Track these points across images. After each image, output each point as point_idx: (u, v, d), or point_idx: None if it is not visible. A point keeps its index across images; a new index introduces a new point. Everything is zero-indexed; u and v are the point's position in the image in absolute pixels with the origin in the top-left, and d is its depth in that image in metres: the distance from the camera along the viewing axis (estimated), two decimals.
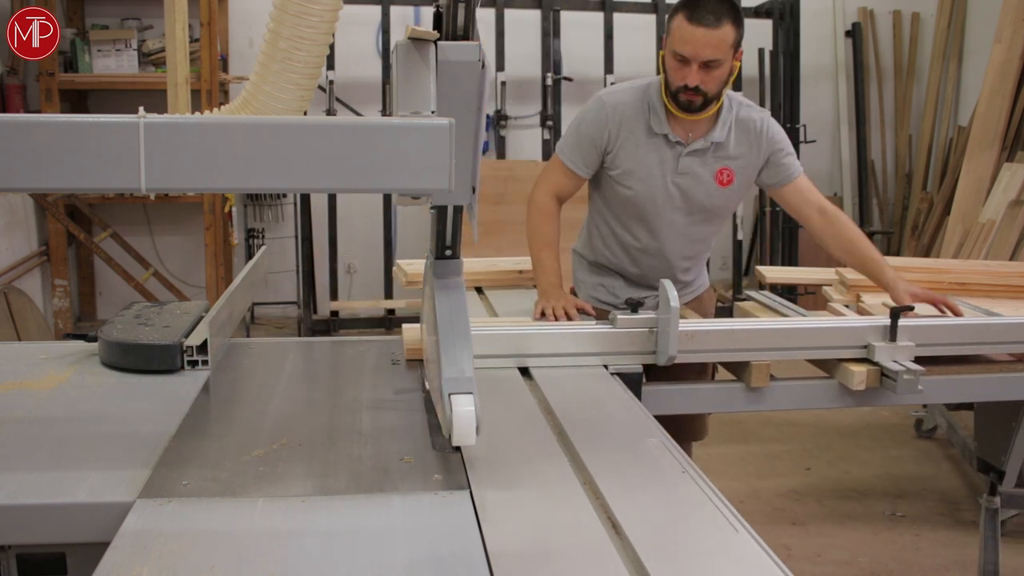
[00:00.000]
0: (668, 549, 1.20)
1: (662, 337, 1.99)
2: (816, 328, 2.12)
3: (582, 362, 2.01)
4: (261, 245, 6.10)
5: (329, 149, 1.18)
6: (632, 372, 1.99)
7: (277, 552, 1.18)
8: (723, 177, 2.41)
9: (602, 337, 2.02)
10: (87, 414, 1.70)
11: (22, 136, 1.13)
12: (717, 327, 2.08)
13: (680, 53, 2.22)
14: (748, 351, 2.07)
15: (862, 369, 2.05)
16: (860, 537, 3.43)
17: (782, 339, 2.08)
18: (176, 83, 2.20)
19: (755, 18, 6.43)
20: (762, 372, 2.06)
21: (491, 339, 1.99)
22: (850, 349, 2.10)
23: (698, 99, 2.27)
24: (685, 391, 2.14)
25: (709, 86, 2.25)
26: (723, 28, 2.19)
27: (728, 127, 2.39)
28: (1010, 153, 5.09)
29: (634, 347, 2.02)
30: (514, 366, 1.99)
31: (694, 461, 2.71)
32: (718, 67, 2.23)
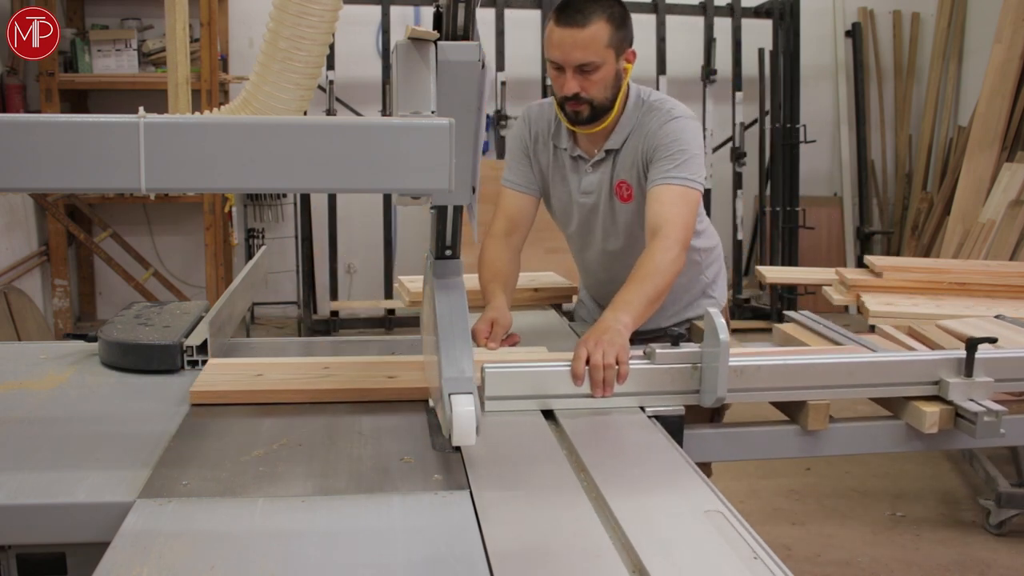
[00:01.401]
0: (668, 549, 1.20)
1: (708, 374, 1.73)
2: (882, 362, 1.85)
3: (615, 404, 1.74)
4: (261, 245, 6.10)
5: (329, 149, 1.18)
6: (673, 415, 1.74)
7: (277, 552, 1.18)
8: (623, 191, 2.17)
9: (638, 375, 1.75)
10: (87, 414, 1.70)
11: (22, 136, 1.13)
12: (770, 362, 1.80)
13: (553, 60, 2.05)
14: (805, 389, 1.80)
15: (934, 409, 1.79)
16: (860, 537, 3.43)
17: (844, 375, 1.81)
18: (176, 83, 2.20)
19: (755, 18, 6.44)
20: (821, 413, 1.80)
21: (510, 377, 1.72)
22: (920, 386, 1.83)
23: (583, 108, 2.07)
24: (732, 436, 1.87)
25: (592, 92, 2.05)
26: (592, 26, 1.99)
27: (627, 133, 2.15)
28: (1010, 153, 5.09)
29: (675, 386, 1.76)
30: (537, 408, 1.72)
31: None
32: (595, 70, 2.02)
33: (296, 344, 2.31)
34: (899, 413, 1.88)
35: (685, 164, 2.06)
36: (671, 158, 2.06)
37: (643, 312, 1.92)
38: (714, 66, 6.21)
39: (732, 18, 6.30)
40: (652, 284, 1.95)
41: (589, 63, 2.02)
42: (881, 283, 2.74)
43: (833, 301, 2.78)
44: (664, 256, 1.98)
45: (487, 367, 1.69)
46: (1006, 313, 2.36)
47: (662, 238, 2.00)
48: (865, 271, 2.84)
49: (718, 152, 6.40)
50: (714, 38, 6.22)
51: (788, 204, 6.45)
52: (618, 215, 2.20)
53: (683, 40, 6.30)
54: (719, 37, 6.23)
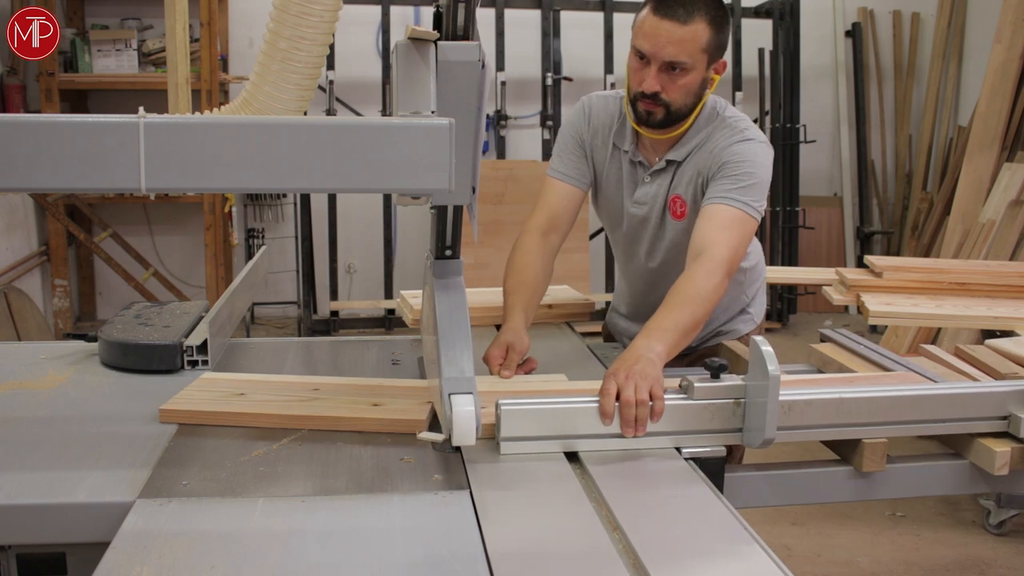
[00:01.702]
0: (670, 551, 1.20)
1: (754, 411, 1.53)
2: (947, 395, 1.67)
3: (647, 444, 1.55)
4: (261, 245, 6.10)
5: (329, 149, 1.18)
6: (713, 456, 1.55)
7: (277, 552, 1.18)
8: (676, 208, 2.02)
9: (673, 411, 1.55)
10: (87, 414, 1.70)
11: (22, 136, 1.13)
12: (822, 395, 1.61)
13: (640, 49, 1.87)
14: (861, 426, 1.62)
15: (1005, 448, 1.61)
16: (860, 537, 3.43)
17: (904, 410, 1.63)
18: (176, 83, 2.20)
19: (755, 18, 6.44)
20: (877, 453, 1.62)
21: (528, 415, 1.52)
22: (987, 421, 1.66)
23: (658, 110, 1.91)
24: (777, 479, 1.68)
25: (672, 95, 1.89)
26: (693, 25, 1.83)
27: (693, 147, 1.99)
28: (1010, 153, 5.09)
29: (714, 424, 1.56)
30: (559, 450, 1.53)
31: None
32: (684, 73, 1.87)
33: (296, 344, 2.31)
34: (963, 451, 1.70)
35: (749, 188, 1.89)
36: (736, 179, 1.90)
37: (678, 342, 1.74)
38: None
39: (732, 18, 6.29)
40: (690, 311, 1.77)
41: (679, 63, 1.86)
42: (881, 283, 2.73)
43: (833, 301, 2.77)
44: (707, 282, 1.80)
45: (502, 404, 1.50)
46: (1006, 313, 2.36)
47: (706, 261, 1.83)
48: (865, 271, 2.84)
49: None
50: None
51: (788, 204, 6.44)
52: (667, 232, 2.06)
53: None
54: None
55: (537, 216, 2.11)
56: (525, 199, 5.37)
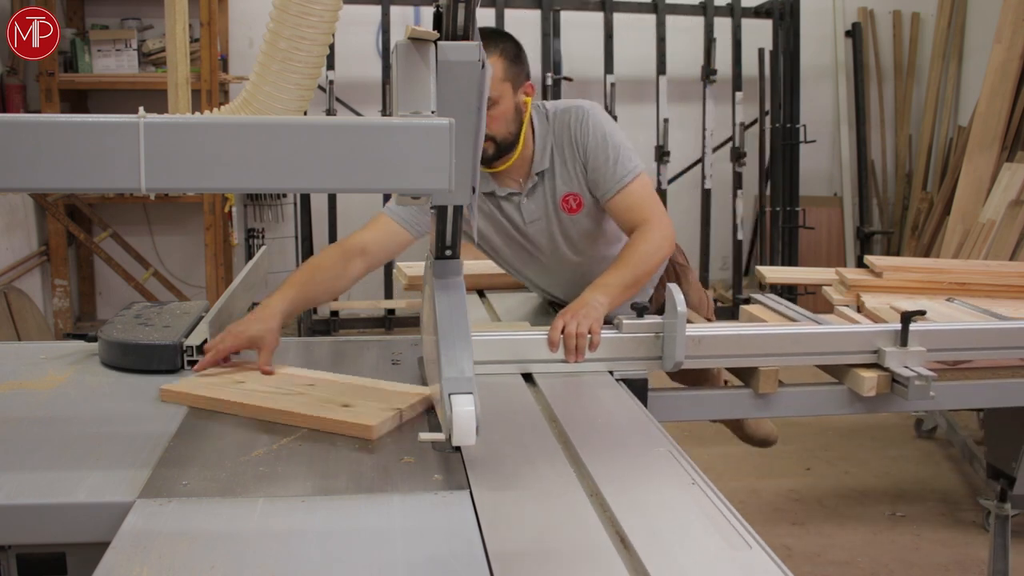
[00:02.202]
0: (668, 549, 1.20)
1: (668, 342, 1.95)
2: (825, 333, 2.08)
3: (587, 368, 1.97)
4: (261, 245, 6.10)
5: (329, 149, 1.18)
6: (638, 378, 1.96)
7: (277, 552, 1.18)
8: (570, 204, 2.23)
9: (607, 343, 1.98)
10: (87, 414, 1.70)
11: (22, 136, 1.13)
12: (724, 332, 2.03)
13: None
14: (756, 356, 2.03)
15: (872, 375, 2.00)
16: (860, 537, 3.43)
17: (791, 344, 2.04)
18: (176, 83, 2.20)
19: (755, 18, 6.44)
20: (770, 378, 2.03)
21: (493, 345, 1.95)
22: (860, 355, 2.05)
23: (488, 145, 2.08)
24: (691, 397, 2.11)
25: (493, 128, 2.08)
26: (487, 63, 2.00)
27: (549, 150, 2.19)
28: (1010, 153, 5.09)
29: (640, 353, 1.98)
30: (517, 372, 1.95)
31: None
32: (495, 105, 2.05)
33: (296, 344, 2.31)
34: (842, 379, 2.08)
35: (620, 160, 2.15)
36: (607, 161, 2.15)
37: (620, 295, 2.06)
38: (714, 66, 6.21)
39: (732, 18, 6.30)
40: (631, 271, 2.09)
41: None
42: (881, 283, 2.74)
43: (833, 301, 2.77)
44: (649, 244, 2.13)
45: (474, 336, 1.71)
46: (1005, 313, 2.37)
47: (644, 229, 2.15)
48: (865, 271, 2.84)
49: (718, 152, 6.40)
50: (714, 38, 6.22)
51: (788, 204, 6.45)
52: (570, 229, 2.27)
53: (683, 40, 6.30)
54: (719, 37, 6.23)
55: (353, 238, 2.17)
56: None
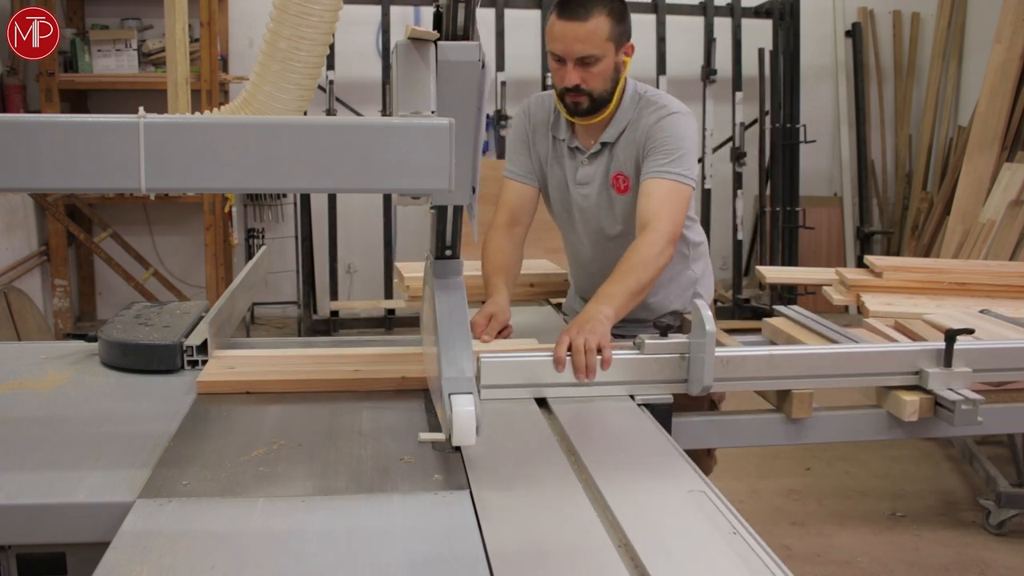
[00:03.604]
0: (668, 549, 1.20)
1: (695, 364, 1.80)
2: (863, 353, 1.92)
3: (606, 392, 1.81)
4: (261, 245, 6.10)
5: (329, 149, 1.18)
6: (661, 403, 1.81)
7: (277, 552, 1.18)
8: (619, 184, 2.22)
9: (628, 364, 1.82)
10: (87, 414, 1.70)
11: (22, 136, 1.13)
12: (755, 352, 1.87)
13: (554, 52, 2.10)
14: (789, 379, 1.87)
15: (914, 398, 1.86)
16: (860, 537, 3.43)
17: (826, 365, 1.88)
18: (176, 83, 2.20)
19: (755, 18, 6.44)
20: (804, 402, 1.88)
21: (504, 367, 1.79)
22: (900, 376, 1.90)
23: (583, 99, 2.13)
24: (719, 423, 1.95)
25: (591, 84, 2.11)
26: (594, 20, 2.05)
27: (623, 127, 2.20)
28: (1010, 153, 5.09)
29: (663, 375, 1.83)
30: (530, 396, 1.79)
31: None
32: (596, 63, 2.08)
33: (296, 344, 2.31)
34: (881, 402, 1.95)
35: (679, 160, 2.11)
36: (666, 153, 2.12)
37: (625, 305, 1.98)
38: (714, 66, 6.21)
39: (732, 18, 6.29)
40: (635, 278, 2.00)
41: (590, 56, 2.07)
42: (881, 283, 2.74)
43: (833, 301, 2.77)
44: (650, 250, 2.03)
45: (483, 357, 1.76)
46: (1006, 313, 2.36)
47: (650, 232, 2.05)
48: (865, 271, 2.84)
49: (718, 152, 6.40)
50: (714, 38, 6.22)
51: (788, 204, 6.44)
52: (615, 206, 2.24)
53: (683, 40, 6.30)
54: (719, 37, 6.23)
55: (500, 215, 2.36)
56: None
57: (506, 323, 2.11)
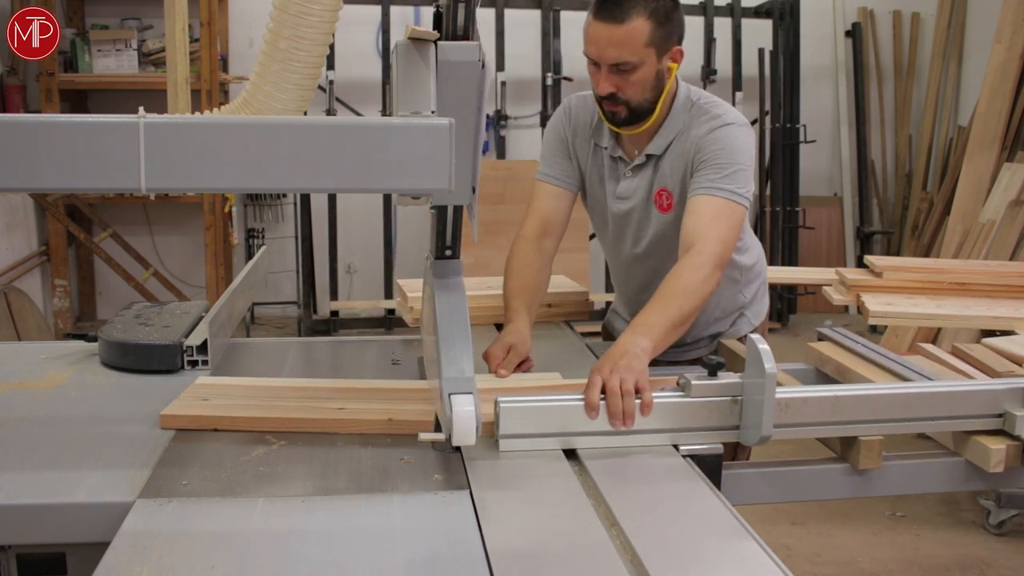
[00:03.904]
0: (668, 549, 1.20)
1: (750, 409, 1.53)
2: (942, 393, 1.68)
3: (645, 441, 1.56)
4: (261, 245, 6.10)
5: (329, 149, 1.18)
6: (710, 454, 1.56)
7: (277, 552, 1.18)
8: (662, 201, 2.01)
9: (671, 408, 1.56)
10: (87, 414, 1.70)
11: (22, 136, 1.13)
12: (818, 394, 1.62)
13: (589, 56, 1.91)
14: (856, 424, 1.63)
15: (1000, 446, 1.62)
16: (860, 537, 3.43)
17: (899, 408, 1.63)
18: (176, 83, 2.20)
19: (755, 18, 6.44)
20: (873, 451, 1.63)
21: (527, 413, 1.53)
22: (983, 419, 1.67)
23: (620, 109, 1.92)
24: (774, 476, 1.69)
25: (628, 93, 1.90)
26: (631, 22, 1.83)
27: (672, 138, 1.99)
28: (1010, 153, 5.09)
29: (712, 422, 1.57)
30: (558, 447, 1.54)
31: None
32: (633, 70, 1.87)
33: (296, 344, 2.31)
34: (959, 449, 1.71)
35: (732, 176, 1.89)
36: (718, 167, 1.89)
37: (665, 337, 1.74)
38: (714, 66, 6.21)
39: (732, 18, 6.29)
40: (677, 306, 1.77)
41: (625, 62, 1.86)
42: (881, 283, 2.73)
43: (833, 301, 2.77)
44: (695, 275, 1.80)
45: (501, 401, 1.52)
46: (1006, 313, 2.35)
47: (695, 254, 1.83)
48: (865, 271, 2.84)
49: None
50: (714, 38, 6.22)
51: (788, 204, 6.44)
52: (651, 225, 2.04)
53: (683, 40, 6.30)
54: (719, 37, 6.23)
55: (530, 222, 2.12)
56: (525, 199, 5.28)
57: (526, 355, 1.89)
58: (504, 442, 1.51)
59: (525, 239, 2.10)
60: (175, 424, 1.60)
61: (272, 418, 1.59)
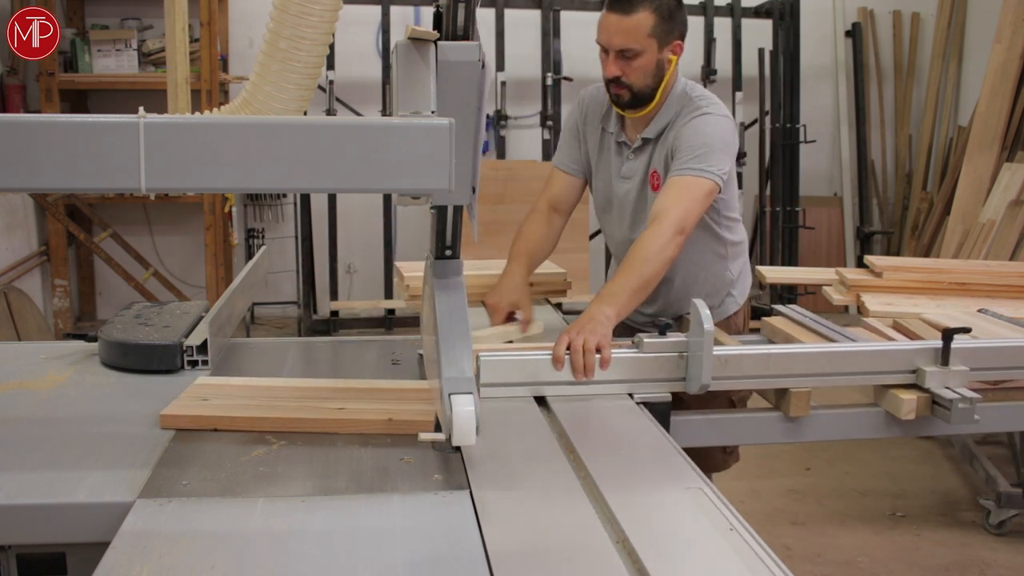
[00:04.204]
0: (668, 549, 1.20)
1: (693, 363, 1.81)
2: (861, 352, 1.93)
3: (605, 390, 1.82)
4: (261, 245, 6.10)
5: (329, 149, 1.18)
6: (659, 401, 1.81)
7: (277, 552, 1.18)
8: (655, 181, 2.24)
9: (627, 363, 1.84)
10: (87, 414, 1.70)
11: (22, 136, 1.13)
12: (753, 352, 1.88)
13: (599, 42, 2.16)
14: (787, 377, 1.88)
15: (911, 397, 1.87)
16: (860, 537, 3.43)
17: (824, 364, 1.90)
18: (176, 83, 2.20)
19: (755, 18, 6.44)
20: (802, 400, 1.89)
21: (503, 366, 1.80)
22: (898, 375, 1.92)
23: (623, 92, 2.16)
24: (717, 422, 1.95)
25: (631, 78, 2.14)
26: (637, 15, 2.08)
27: (664, 125, 2.21)
28: (1010, 153, 5.09)
29: (662, 374, 1.84)
30: (530, 395, 1.80)
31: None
32: (635, 57, 2.12)
33: (296, 344, 2.31)
34: (878, 400, 1.96)
35: (702, 156, 2.09)
36: (690, 150, 2.11)
37: (628, 302, 1.97)
38: (714, 66, 6.21)
39: (732, 18, 6.29)
40: (638, 274, 1.99)
41: (629, 49, 2.11)
42: (881, 283, 2.73)
43: (833, 301, 2.77)
44: (654, 243, 2.00)
45: (482, 355, 1.76)
46: (1006, 313, 2.36)
47: (655, 224, 2.03)
48: (865, 271, 2.84)
49: None
50: (714, 38, 6.22)
51: (788, 204, 6.44)
52: (648, 204, 2.25)
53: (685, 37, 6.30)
54: (719, 37, 6.23)
55: (541, 202, 2.42)
56: (525, 199, 5.37)
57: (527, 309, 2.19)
58: (485, 390, 1.75)
59: (538, 212, 2.39)
60: (175, 424, 1.60)
61: (272, 418, 1.60)
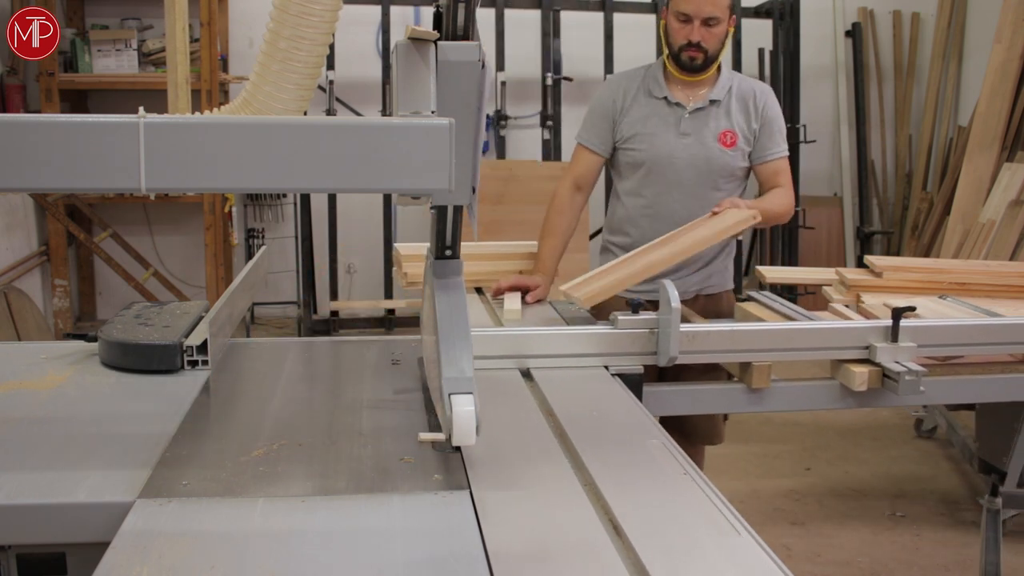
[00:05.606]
0: (668, 549, 1.20)
1: (663, 338, 2.00)
2: (817, 329, 2.12)
3: (583, 363, 2.01)
4: (261, 245, 6.11)
5: (329, 149, 1.18)
6: (633, 373, 1.99)
7: (277, 552, 1.18)
8: (726, 139, 2.59)
9: (602, 338, 2.03)
10: (87, 414, 1.70)
11: (22, 136, 1.13)
12: (718, 328, 2.09)
13: (683, 12, 2.49)
14: (749, 352, 2.08)
15: (863, 370, 2.06)
16: (860, 537, 3.43)
17: (783, 340, 2.08)
18: (176, 83, 2.20)
19: (755, 18, 6.44)
20: (763, 373, 2.08)
21: (491, 340, 1.99)
22: (852, 350, 2.10)
23: (699, 56, 2.52)
24: (685, 392, 2.16)
25: (709, 43, 2.51)
26: None
27: (727, 91, 2.60)
28: (1010, 153, 5.09)
29: (635, 348, 2.03)
30: (515, 367, 1.99)
31: (707, 464, 2.74)
32: (717, 24, 2.49)
33: (296, 344, 2.31)
34: (834, 374, 2.14)
35: (783, 136, 2.65)
36: (779, 130, 2.63)
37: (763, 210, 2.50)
38: None
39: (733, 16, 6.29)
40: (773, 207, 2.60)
41: (713, 17, 2.49)
42: (881, 283, 2.73)
43: (833, 301, 2.77)
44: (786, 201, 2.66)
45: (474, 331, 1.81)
46: (1005, 312, 2.37)
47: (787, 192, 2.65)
48: (865, 271, 2.84)
49: None
50: None
51: None
52: (714, 158, 2.58)
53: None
54: None
55: (567, 179, 2.70)
56: (525, 199, 5.38)
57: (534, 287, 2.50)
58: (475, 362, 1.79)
59: (562, 192, 2.68)
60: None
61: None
